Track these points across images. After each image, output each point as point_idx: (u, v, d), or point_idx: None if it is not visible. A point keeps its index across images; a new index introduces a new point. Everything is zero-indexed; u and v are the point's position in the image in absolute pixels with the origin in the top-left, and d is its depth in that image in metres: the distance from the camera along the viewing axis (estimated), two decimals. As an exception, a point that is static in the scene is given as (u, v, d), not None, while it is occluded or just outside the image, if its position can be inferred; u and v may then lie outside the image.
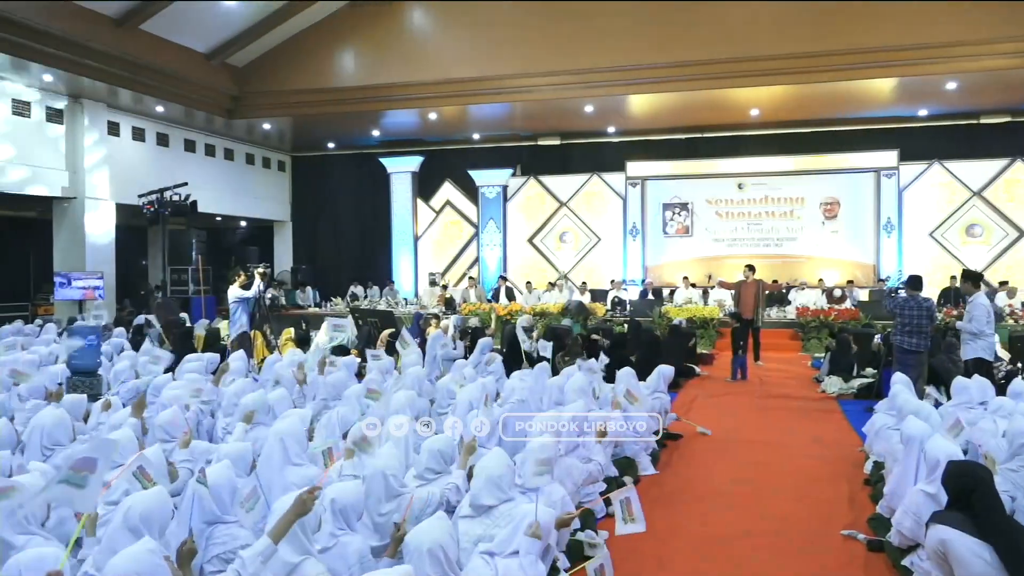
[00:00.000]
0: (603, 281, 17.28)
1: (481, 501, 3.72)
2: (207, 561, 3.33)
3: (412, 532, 2.97)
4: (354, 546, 3.39)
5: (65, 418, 4.89)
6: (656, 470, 6.21)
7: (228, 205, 18.69)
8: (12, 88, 13.53)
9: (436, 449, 4.35)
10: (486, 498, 3.72)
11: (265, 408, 5.49)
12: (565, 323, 12.54)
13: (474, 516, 3.70)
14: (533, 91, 15.19)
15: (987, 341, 7.68)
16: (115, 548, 2.91)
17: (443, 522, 3.00)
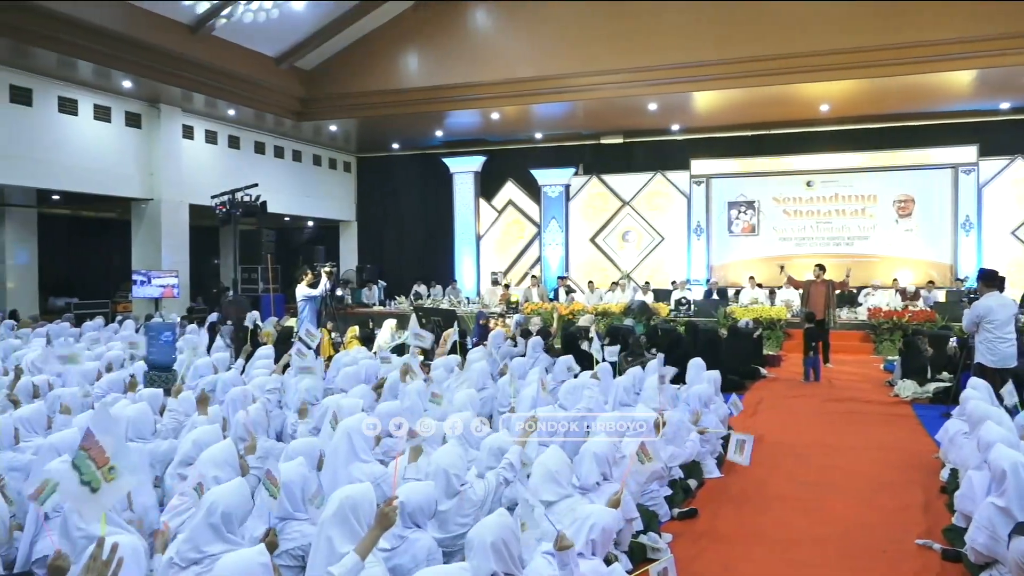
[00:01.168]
0: (666, 281, 17.09)
1: (540, 496, 3.72)
2: (276, 556, 3.42)
3: (475, 527, 2.99)
4: (423, 543, 3.43)
5: (147, 410, 5.09)
6: (721, 473, 6.12)
7: (296, 205, 19.13)
8: (95, 95, 14.12)
9: (495, 447, 4.39)
10: (545, 493, 3.74)
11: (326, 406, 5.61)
12: (627, 323, 12.45)
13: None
14: (596, 90, 15.11)
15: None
16: (198, 543, 3.01)
17: (506, 518, 3.00)
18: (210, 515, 3.05)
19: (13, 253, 16.02)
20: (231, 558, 2.67)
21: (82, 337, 10.68)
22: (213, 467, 3.79)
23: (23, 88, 12.89)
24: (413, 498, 3.47)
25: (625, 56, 14.57)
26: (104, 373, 7.16)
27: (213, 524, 3.04)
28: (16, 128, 12.79)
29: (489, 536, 2.85)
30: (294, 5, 14.08)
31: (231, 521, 3.08)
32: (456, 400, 5.61)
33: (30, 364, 7.54)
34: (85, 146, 14.01)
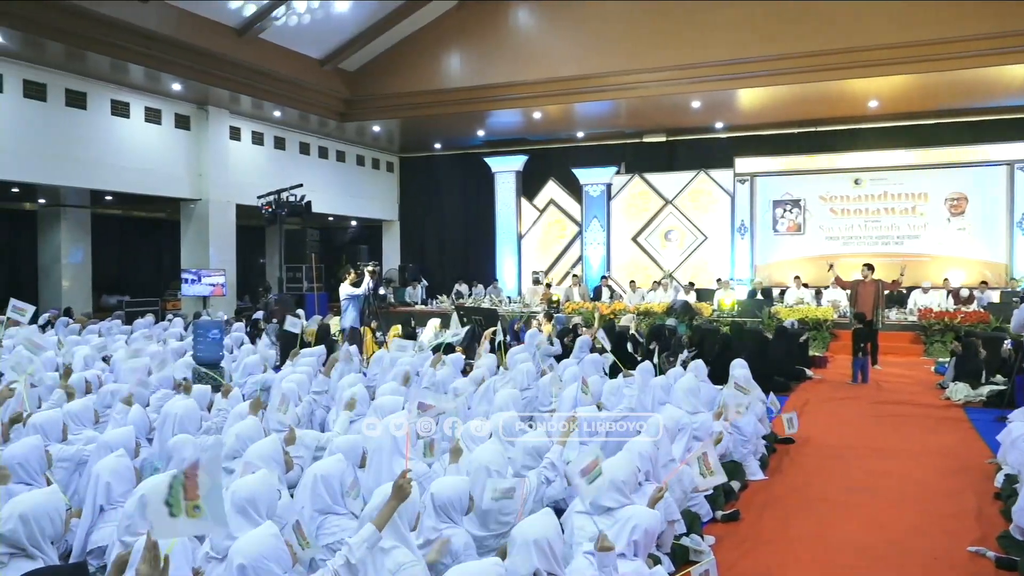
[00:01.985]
0: (709, 280, 16.89)
1: (602, 502, 3.70)
2: (316, 550, 3.47)
3: (519, 525, 2.99)
4: (457, 538, 3.44)
5: (194, 407, 5.21)
6: (765, 476, 6.03)
7: (340, 205, 19.37)
8: (145, 97, 14.47)
9: (531, 446, 4.39)
10: (607, 500, 3.70)
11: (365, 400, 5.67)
12: (670, 323, 12.34)
13: (591, 514, 3.69)
14: (638, 88, 15.00)
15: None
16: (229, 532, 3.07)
17: (550, 517, 3.00)
18: (235, 503, 3.11)
19: (68, 252, 16.51)
20: (245, 539, 2.72)
21: (133, 334, 10.95)
22: (260, 461, 3.87)
23: (78, 92, 13.27)
24: (442, 493, 3.49)
25: (669, 53, 14.44)
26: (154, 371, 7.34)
27: (242, 510, 3.10)
28: (71, 131, 13.17)
29: (533, 534, 2.85)
30: (338, 6, 14.26)
31: (258, 507, 3.13)
32: (498, 400, 5.62)
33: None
34: (136, 148, 14.36)
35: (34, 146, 12.62)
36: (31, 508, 3.02)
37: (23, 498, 3.12)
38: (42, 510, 3.04)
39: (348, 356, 7.16)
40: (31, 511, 3.01)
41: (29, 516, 3.00)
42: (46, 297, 16.29)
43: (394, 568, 2.88)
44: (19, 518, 2.98)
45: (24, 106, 12.49)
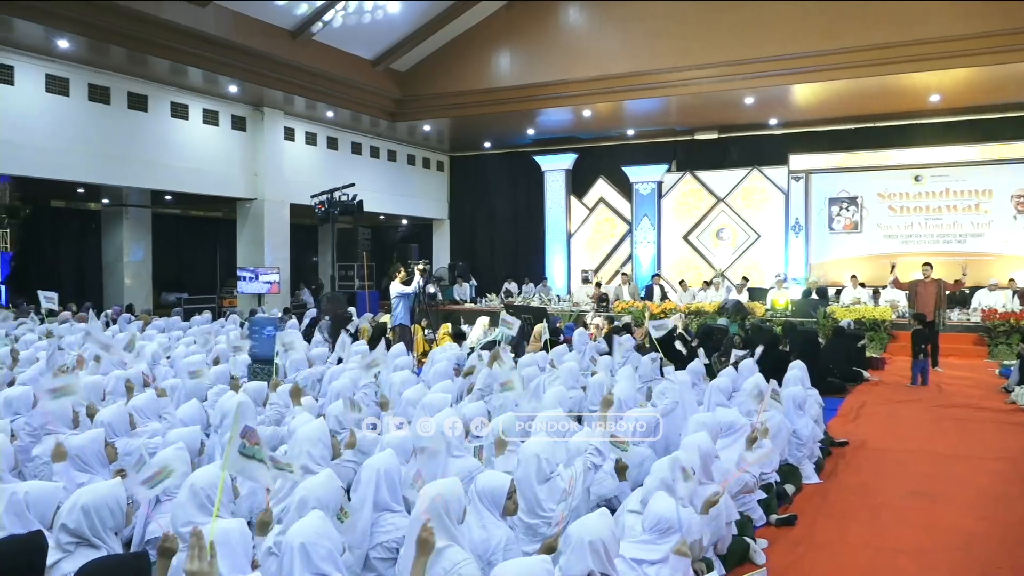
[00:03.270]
0: (762, 279, 16.60)
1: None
2: (372, 547, 3.51)
3: (576, 523, 2.98)
4: (500, 533, 3.45)
5: (249, 403, 5.32)
6: (820, 479, 5.90)
7: (391, 204, 19.58)
8: (203, 99, 14.84)
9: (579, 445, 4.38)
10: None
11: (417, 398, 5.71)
12: (720, 322, 12.18)
13: (641, 512, 3.65)
14: (690, 84, 14.83)
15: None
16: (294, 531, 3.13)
17: (607, 519, 2.97)
18: (302, 507, 3.15)
19: (130, 251, 17.03)
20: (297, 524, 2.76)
21: (191, 331, 11.25)
22: (307, 444, 3.97)
23: (139, 95, 13.68)
24: (487, 487, 3.51)
25: (721, 49, 14.24)
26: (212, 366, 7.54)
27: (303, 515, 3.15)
28: (133, 133, 13.59)
29: (589, 534, 2.82)
30: (390, 7, 14.41)
31: (326, 508, 3.18)
32: (546, 398, 5.61)
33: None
34: (195, 149, 14.74)
35: (98, 148, 13.05)
36: (93, 500, 3.13)
37: (86, 490, 3.23)
38: (103, 502, 3.14)
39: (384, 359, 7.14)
40: (93, 503, 3.12)
41: (91, 507, 3.10)
42: (109, 294, 16.86)
43: (449, 567, 2.90)
44: (81, 509, 3.08)
45: (89, 109, 12.92)
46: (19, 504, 3.27)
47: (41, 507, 3.31)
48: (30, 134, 12.08)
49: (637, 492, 3.82)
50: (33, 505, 3.29)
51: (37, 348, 8.40)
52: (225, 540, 2.84)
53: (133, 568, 2.41)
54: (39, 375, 6.48)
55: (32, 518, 3.28)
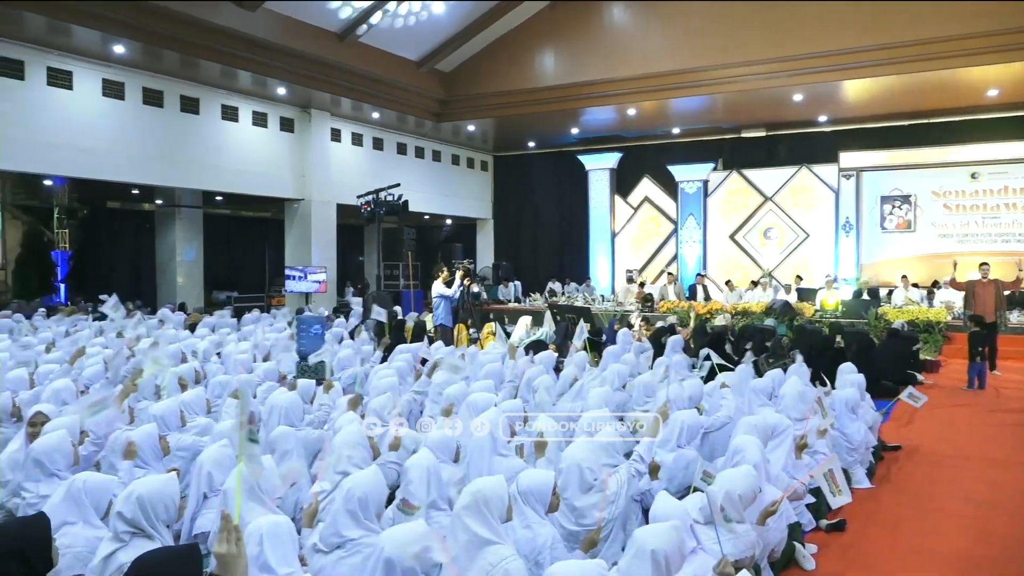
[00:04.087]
0: (811, 279, 16.29)
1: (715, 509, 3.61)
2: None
3: (643, 528, 2.93)
4: (546, 532, 3.44)
5: (298, 400, 5.43)
6: (872, 484, 5.76)
7: (435, 204, 19.70)
8: (253, 102, 15.12)
9: (607, 442, 4.34)
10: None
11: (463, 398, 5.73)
12: (768, 323, 11.98)
13: (700, 522, 3.61)
14: (737, 81, 14.63)
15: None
16: (338, 529, 3.16)
17: (677, 532, 2.90)
18: (347, 502, 3.19)
19: (182, 250, 17.45)
20: (399, 531, 2.77)
21: (240, 328, 11.48)
22: (347, 448, 4.03)
23: (192, 98, 14.00)
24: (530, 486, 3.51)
25: (769, 45, 14.01)
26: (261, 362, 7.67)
27: (351, 510, 3.18)
28: (186, 135, 13.91)
29: (653, 544, 2.76)
30: (434, 7, 14.50)
31: (367, 507, 3.21)
32: (591, 399, 5.59)
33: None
34: (244, 150, 15.03)
35: (152, 150, 13.39)
36: (147, 492, 3.22)
37: (142, 481, 3.32)
38: (157, 495, 3.23)
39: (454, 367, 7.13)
40: (147, 495, 3.20)
41: (145, 499, 3.19)
42: (163, 293, 17.29)
43: (496, 561, 2.90)
44: (137, 500, 3.17)
45: (143, 112, 13.27)
46: (77, 492, 3.40)
47: (96, 496, 3.44)
48: (87, 137, 12.44)
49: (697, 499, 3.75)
50: (89, 494, 3.42)
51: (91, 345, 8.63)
52: (275, 533, 2.89)
53: (186, 560, 2.46)
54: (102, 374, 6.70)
55: (88, 506, 3.39)
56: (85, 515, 3.42)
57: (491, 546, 2.96)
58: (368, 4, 13.75)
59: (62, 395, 5.38)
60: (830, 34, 13.51)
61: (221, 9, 12.19)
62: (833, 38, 13.49)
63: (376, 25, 14.17)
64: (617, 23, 15.85)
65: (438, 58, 16.45)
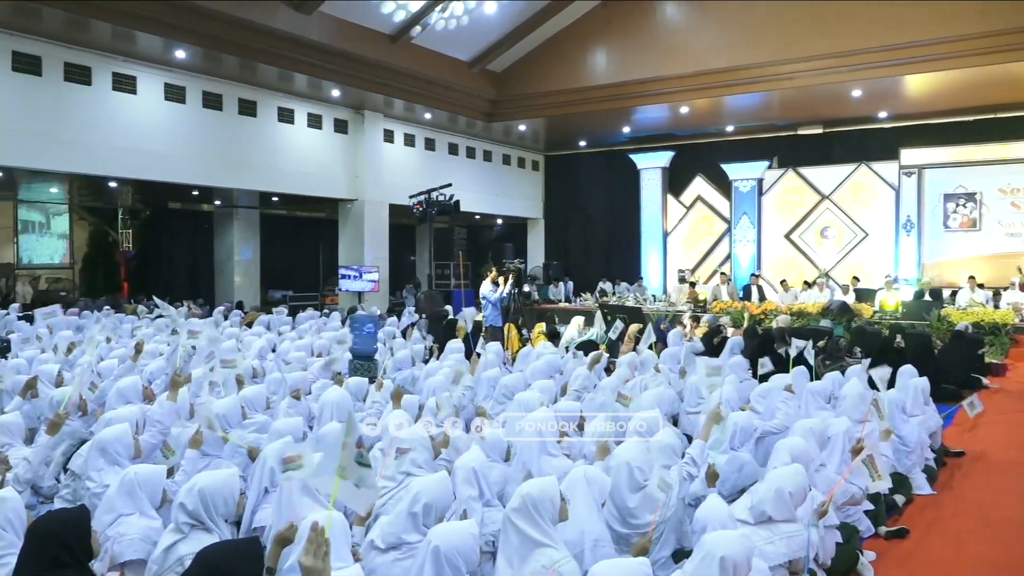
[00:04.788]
0: (869, 279, 15.87)
1: (764, 508, 3.55)
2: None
3: (713, 534, 2.91)
4: (594, 529, 3.43)
5: (348, 397, 5.51)
6: (933, 490, 5.60)
7: (486, 204, 19.76)
8: (308, 104, 15.38)
9: (666, 444, 4.28)
10: (771, 509, 3.54)
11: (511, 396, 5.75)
12: (823, 324, 11.73)
13: (750, 522, 3.56)
14: (793, 78, 14.34)
15: None
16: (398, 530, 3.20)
17: (747, 542, 2.87)
18: (413, 504, 3.22)
19: (240, 250, 17.86)
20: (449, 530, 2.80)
21: (295, 327, 11.69)
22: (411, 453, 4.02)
23: (249, 101, 14.31)
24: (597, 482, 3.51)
25: (826, 40, 13.71)
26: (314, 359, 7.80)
27: (414, 513, 3.21)
28: (243, 137, 14.23)
29: (722, 550, 2.74)
30: (486, 7, 14.56)
31: (430, 513, 3.24)
32: (643, 400, 5.54)
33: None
34: (300, 152, 15.31)
35: (212, 152, 13.74)
36: (209, 485, 3.31)
37: (205, 475, 3.42)
38: (218, 490, 3.32)
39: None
40: (209, 488, 3.29)
41: (207, 493, 3.28)
42: (221, 291, 17.72)
43: (548, 564, 2.90)
44: (199, 492, 3.27)
45: (203, 115, 13.61)
46: (130, 484, 3.52)
47: (149, 487, 3.56)
48: (150, 140, 12.82)
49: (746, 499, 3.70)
50: (142, 485, 3.54)
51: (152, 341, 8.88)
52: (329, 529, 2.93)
53: (247, 553, 2.52)
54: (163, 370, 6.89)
55: (142, 497, 3.50)
56: (140, 506, 3.53)
57: (542, 548, 2.96)
58: (421, 6, 13.88)
59: (127, 394, 5.55)
60: (891, 28, 13.14)
61: (278, 13, 12.44)
62: (894, 32, 13.12)
63: (429, 26, 14.29)
64: (670, 20, 15.69)
65: (490, 58, 16.51)
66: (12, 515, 3.08)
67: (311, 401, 6.09)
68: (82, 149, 11.89)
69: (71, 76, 11.77)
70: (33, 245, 21.41)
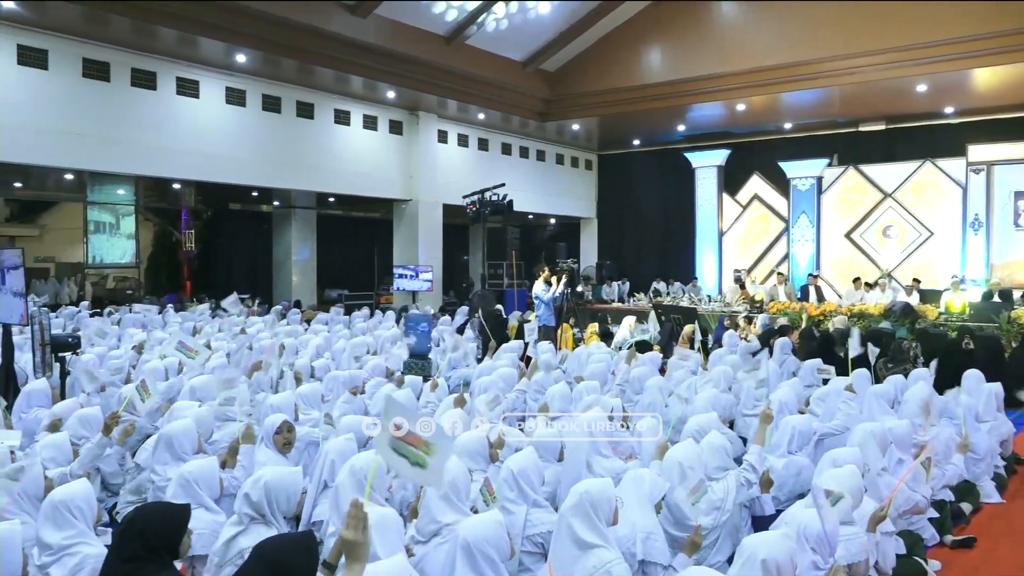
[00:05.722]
0: (934, 280, 15.37)
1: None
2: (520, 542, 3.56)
3: (752, 537, 2.87)
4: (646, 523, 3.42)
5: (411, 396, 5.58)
6: (1002, 499, 5.40)
7: (539, 203, 19.74)
8: (364, 106, 15.60)
9: (719, 445, 4.21)
10: None
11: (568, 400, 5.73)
12: (884, 325, 11.40)
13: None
14: (855, 73, 13.97)
15: None
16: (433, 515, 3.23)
17: (789, 542, 2.82)
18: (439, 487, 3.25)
19: (297, 250, 18.22)
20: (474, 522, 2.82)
21: (351, 325, 11.88)
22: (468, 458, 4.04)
23: (307, 103, 14.58)
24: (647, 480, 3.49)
25: (890, 34, 13.31)
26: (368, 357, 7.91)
27: (444, 495, 3.23)
28: (301, 139, 14.50)
29: (764, 553, 2.70)
30: (540, 7, 14.55)
31: (459, 490, 3.26)
32: (698, 401, 5.48)
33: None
34: (356, 153, 15.53)
35: (271, 154, 14.04)
36: (274, 480, 3.40)
37: (271, 470, 3.51)
38: (282, 485, 3.41)
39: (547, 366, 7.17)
40: (274, 483, 3.38)
41: (272, 487, 3.36)
42: (279, 290, 18.10)
43: (599, 564, 2.89)
44: (264, 486, 3.35)
45: (263, 118, 13.92)
46: (187, 480, 3.63)
47: (206, 481, 3.68)
48: (212, 143, 13.16)
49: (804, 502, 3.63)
50: (198, 480, 3.64)
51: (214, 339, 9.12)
52: (383, 524, 2.98)
53: (302, 546, 2.57)
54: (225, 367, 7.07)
55: (202, 491, 3.60)
56: (201, 500, 3.63)
57: (596, 548, 2.94)
58: (475, 6, 13.94)
59: (198, 393, 5.71)
60: (958, 19, 12.69)
61: (334, 16, 12.64)
62: (962, 24, 12.67)
63: (482, 27, 14.34)
64: (726, 17, 15.44)
65: (543, 58, 16.50)
66: (83, 504, 3.19)
67: (367, 398, 6.17)
68: (148, 152, 12.28)
69: (138, 81, 12.16)
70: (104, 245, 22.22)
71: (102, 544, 3.21)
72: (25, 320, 6.92)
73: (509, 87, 16.35)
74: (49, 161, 11.51)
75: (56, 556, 3.06)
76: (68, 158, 11.63)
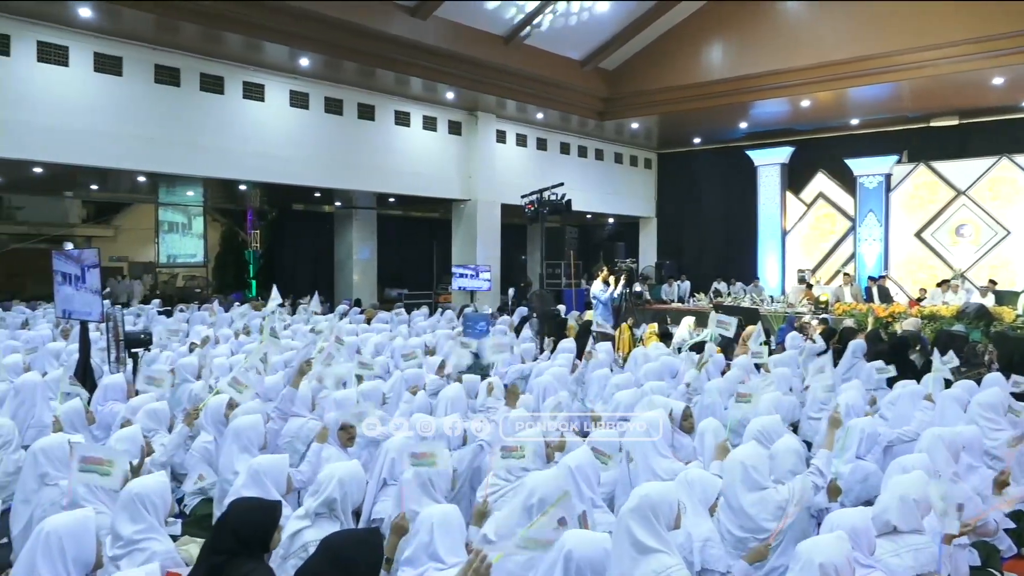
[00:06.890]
0: (1012, 281, 14.76)
1: (887, 518, 3.37)
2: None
3: (806, 542, 2.82)
4: (701, 531, 3.39)
5: (462, 394, 5.62)
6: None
7: (598, 203, 19.63)
8: (423, 107, 15.76)
9: (793, 449, 4.11)
10: (896, 518, 3.36)
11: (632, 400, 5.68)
12: (957, 328, 11.00)
13: (875, 535, 3.38)
14: (926, 66, 13.51)
15: None
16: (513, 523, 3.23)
17: (844, 544, 2.76)
18: (528, 498, 3.24)
19: (358, 249, 18.51)
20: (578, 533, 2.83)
21: (411, 323, 12.01)
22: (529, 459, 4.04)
23: (368, 105, 14.81)
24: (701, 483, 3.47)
25: (963, 25, 12.83)
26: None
27: (529, 507, 3.23)
28: (362, 140, 14.74)
29: (820, 556, 2.66)
30: (597, 7, 14.48)
31: (544, 506, 3.25)
32: (761, 403, 5.37)
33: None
34: (415, 154, 15.71)
35: (333, 155, 14.31)
36: (347, 475, 3.48)
37: (341, 465, 3.58)
38: (353, 479, 3.48)
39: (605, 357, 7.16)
40: (346, 478, 3.46)
41: (345, 482, 3.44)
42: (340, 289, 18.43)
43: (659, 569, 2.85)
44: (338, 481, 3.42)
45: (325, 120, 14.19)
46: (257, 474, 3.72)
47: (274, 476, 3.74)
48: (276, 145, 13.48)
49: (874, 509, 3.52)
50: (267, 474, 3.72)
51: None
52: (445, 522, 3.01)
53: (369, 543, 2.62)
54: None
55: (270, 485, 3.68)
56: (269, 494, 3.71)
57: (656, 553, 2.90)
58: (534, 6, 13.95)
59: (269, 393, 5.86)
60: (1037, 9, 12.18)
61: (395, 19, 12.80)
62: (1041, 14, 12.16)
63: (541, 27, 14.34)
64: (789, 11, 15.10)
65: (602, 56, 16.41)
66: (157, 499, 3.29)
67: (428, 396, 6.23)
68: (216, 154, 12.65)
69: (206, 86, 12.53)
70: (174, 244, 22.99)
71: (170, 540, 3.31)
72: (102, 317, 7.20)
73: (567, 86, 16.31)
74: (123, 164, 11.96)
75: (127, 549, 3.15)
76: (141, 161, 12.06)
